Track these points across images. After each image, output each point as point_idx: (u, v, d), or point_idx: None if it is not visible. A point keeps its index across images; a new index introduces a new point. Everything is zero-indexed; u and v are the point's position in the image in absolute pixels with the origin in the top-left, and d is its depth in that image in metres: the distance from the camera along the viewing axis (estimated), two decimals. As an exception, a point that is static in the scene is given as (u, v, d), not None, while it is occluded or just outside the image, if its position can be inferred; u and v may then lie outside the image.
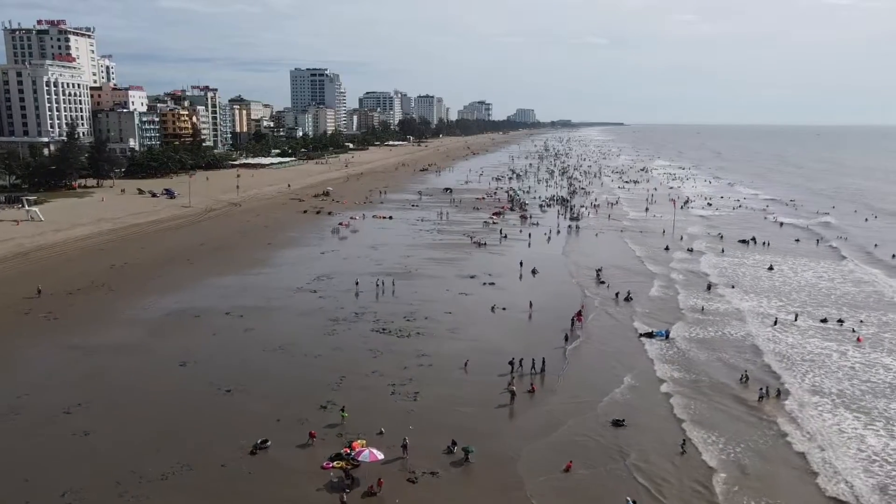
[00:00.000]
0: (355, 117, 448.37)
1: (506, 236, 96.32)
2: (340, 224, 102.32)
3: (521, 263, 78.19)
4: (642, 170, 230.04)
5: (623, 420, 37.88)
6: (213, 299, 61.08)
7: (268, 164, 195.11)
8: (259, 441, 34.19)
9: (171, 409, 38.56)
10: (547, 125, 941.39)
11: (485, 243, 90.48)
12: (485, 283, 69.00)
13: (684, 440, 36.07)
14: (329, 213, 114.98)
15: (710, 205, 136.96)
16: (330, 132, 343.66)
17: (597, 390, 42.81)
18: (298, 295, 63.30)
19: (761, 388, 42.73)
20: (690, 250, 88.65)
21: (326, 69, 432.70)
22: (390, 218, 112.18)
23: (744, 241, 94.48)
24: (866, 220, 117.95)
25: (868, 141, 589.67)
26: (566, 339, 51.02)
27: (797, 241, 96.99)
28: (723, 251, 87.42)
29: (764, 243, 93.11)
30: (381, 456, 32.11)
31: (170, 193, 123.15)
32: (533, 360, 45.87)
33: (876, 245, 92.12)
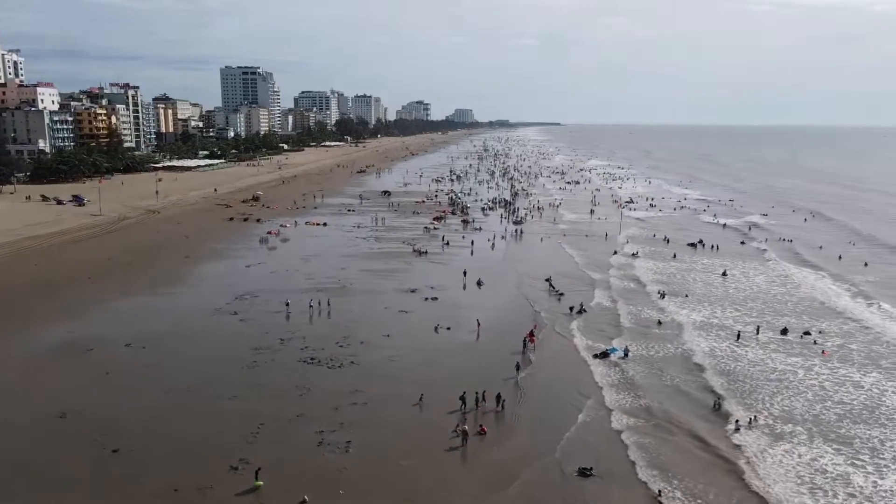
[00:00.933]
0: (290, 117, 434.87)
1: (448, 243, 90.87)
2: (269, 233, 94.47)
3: (464, 273, 73.00)
4: (582, 170, 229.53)
5: (590, 468, 32.79)
6: (112, 327, 52.91)
7: (194, 167, 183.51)
8: (146, 525, 27.36)
9: (38, 481, 31.02)
10: (485, 125, 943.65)
11: (426, 252, 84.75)
12: (427, 298, 63.22)
13: (659, 491, 31.27)
14: (258, 221, 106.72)
15: (652, 206, 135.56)
16: (264, 133, 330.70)
17: (554, 428, 37.66)
18: (216, 318, 55.83)
19: (737, 421, 38.59)
20: (635, 254, 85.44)
21: (259, 67, 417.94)
22: (324, 224, 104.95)
23: (692, 245, 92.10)
24: (805, 220, 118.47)
25: (786, 140, 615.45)
26: (518, 367, 45.56)
27: (742, 243, 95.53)
28: (674, 256, 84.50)
29: (712, 246, 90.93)
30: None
31: (79, 200, 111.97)
32: (480, 393, 40.29)
33: (821, 247, 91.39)
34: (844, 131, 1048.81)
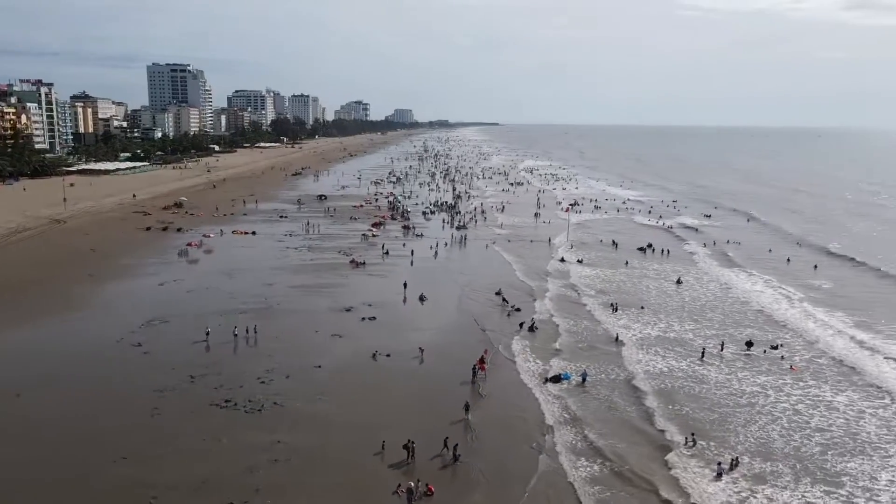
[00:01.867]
0: (223, 117, 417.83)
1: (387, 252, 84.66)
2: (189, 244, 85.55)
3: (405, 285, 67.29)
4: (523, 170, 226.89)
5: (558, 540, 27.49)
6: (-16, 368, 44.40)
7: (113, 171, 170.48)
8: None
9: None
10: (425, 125, 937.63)
11: (363, 262, 78.26)
12: (364, 318, 56.92)
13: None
14: (178, 230, 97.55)
15: (598, 208, 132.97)
16: (193, 133, 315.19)
17: (514, 481, 32.27)
18: (115, 353, 47.88)
19: (719, 464, 34.09)
20: (581, 261, 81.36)
21: (189, 65, 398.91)
22: (253, 233, 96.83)
23: (641, 249, 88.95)
24: (748, 220, 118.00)
25: (715, 140, 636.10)
26: (467, 408, 39.17)
27: (691, 249, 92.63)
28: (626, 263, 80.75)
29: (662, 251, 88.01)
30: None
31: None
32: (442, 440, 34.61)
33: (770, 250, 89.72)
34: (764, 131, 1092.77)
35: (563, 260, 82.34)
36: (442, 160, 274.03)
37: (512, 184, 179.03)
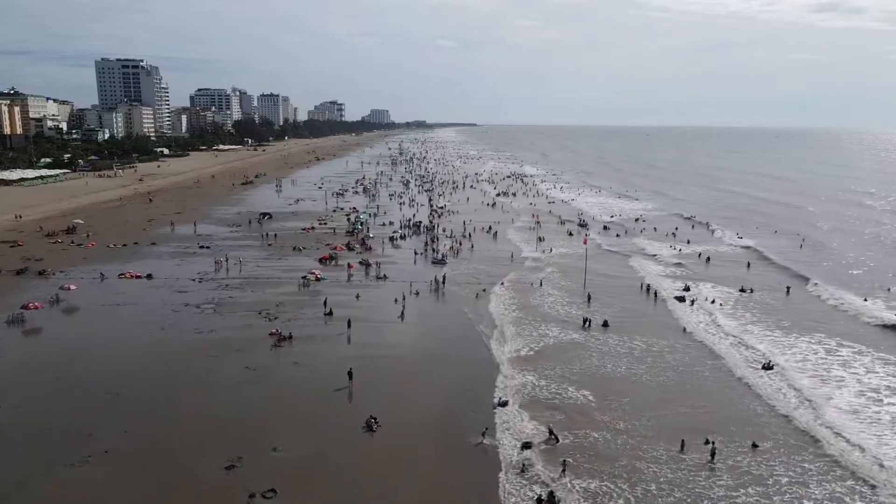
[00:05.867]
0: (184, 117, 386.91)
1: (331, 312, 57.89)
2: (26, 306, 56.37)
3: (350, 375, 41.97)
4: (509, 177, 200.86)
5: None
6: None
7: (17, 181, 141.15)
8: None
9: None
10: (402, 126, 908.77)
11: (290, 336, 51.45)
12: (254, 496, 30.31)
13: None
14: (41, 273, 69.82)
15: (606, 228, 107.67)
16: (137, 135, 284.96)
17: None
18: None
19: None
20: (605, 324, 55.71)
21: (142, 60, 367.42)
22: (148, 277, 69.51)
23: (680, 299, 63.45)
24: (800, 246, 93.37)
25: (689, 141, 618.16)
26: None
27: (751, 291, 67.41)
28: (685, 331, 54.79)
29: (713, 302, 62.67)
30: None
31: None
32: None
33: (890, 289, 64.45)
34: (738, 132, 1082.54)
35: (587, 324, 56.28)
36: (420, 165, 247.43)
37: (500, 194, 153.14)
